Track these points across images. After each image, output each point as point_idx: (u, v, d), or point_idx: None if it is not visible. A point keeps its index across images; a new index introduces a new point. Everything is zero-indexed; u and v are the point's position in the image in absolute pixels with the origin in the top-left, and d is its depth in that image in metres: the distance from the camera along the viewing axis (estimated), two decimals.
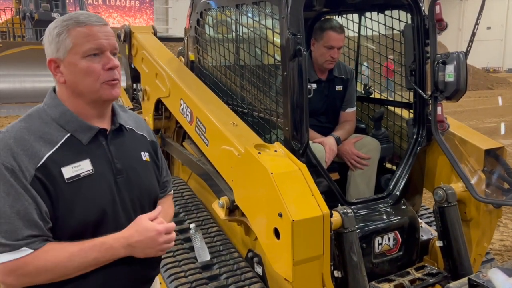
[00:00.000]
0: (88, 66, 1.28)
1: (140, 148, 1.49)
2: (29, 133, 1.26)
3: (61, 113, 1.32)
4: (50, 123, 1.30)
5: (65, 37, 1.27)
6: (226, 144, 2.44)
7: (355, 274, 2.22)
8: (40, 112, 1.33)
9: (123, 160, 1.39)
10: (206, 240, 2.58)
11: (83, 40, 1.27)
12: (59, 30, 1.28)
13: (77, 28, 1.27)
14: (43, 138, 1.26)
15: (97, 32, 1.28)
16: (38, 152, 1.24)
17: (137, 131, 1.51)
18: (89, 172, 1.30)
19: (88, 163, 1.30)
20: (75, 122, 1.32)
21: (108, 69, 1.30)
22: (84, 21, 1.27)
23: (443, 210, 2.59)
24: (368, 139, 2.98)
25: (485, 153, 2.62)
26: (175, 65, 3.30)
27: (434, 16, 2.53)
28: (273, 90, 2.53)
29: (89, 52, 1.27)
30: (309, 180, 2.10)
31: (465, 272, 2.49)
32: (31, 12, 15.27)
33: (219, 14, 3.00)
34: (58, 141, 1.28)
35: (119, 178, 1.37)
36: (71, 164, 1.27)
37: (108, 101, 1.36)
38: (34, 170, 1.21)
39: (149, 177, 1.49)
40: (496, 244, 4.42)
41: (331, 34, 2.83)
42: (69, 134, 1.30)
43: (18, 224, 1.19)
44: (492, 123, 12.32)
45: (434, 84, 2.55)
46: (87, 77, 1.28)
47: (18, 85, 13.31)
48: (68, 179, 1.26)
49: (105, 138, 1.37)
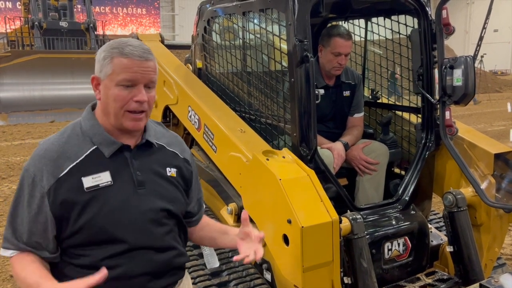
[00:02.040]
0: (118, 94, 1.39)
1: (167, 164, 1.54)
2: (58, 146, 1.40)
3: (92, 126, 1.44)
4: (80, 136, 1.43)
5: (108, 63, 1.39)
6: (234, 150, 2.44)
7: (365, 280, 2.21)
8: (75, 124, 1.48)
9: (146, 173, 1.47)
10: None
11: (120, 70, 1.38)
12: (105, 54, 1.41)
13: (119, 58, 1.38)
14: (70, 150, 1.39)
15: (135, 66, 1.38)
16: (63, 163, 1.37)
17: (168, 147, 1.58)
18: (108, 183, 1.39)
19: (108, 175, 1.40)
20: (101, 135, 1.43)
21: (135, 101, 1.40)
22: (127, 53, 1.38)
23: (453, 215, 2.57)
24: (376, 144, 2.97)
25: (495, 157, 2.60)
26: (182, 72, 3.32)
27: (441, 20, 2.53)
28: (280, 96, 2.54)
29: (122, 82, 1.38)
30: (318, 186, 2.10)
31: (476, 278, 2.46)
32: (39, 21, 15.46)
33: (226, 21, 3.02)
34: (83, 154, 1.40)
35: (140, 189, 1.44)
36: (92, 175, 1.38)
37: (128, 130, 1.44)
38: (55, 179, 1.35)
39: (172, 191, 1.53)
40: (507, 248, 4.37)
41: (338, 40, 2.83)
42: (94, 146, 1.42)
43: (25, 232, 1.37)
44: (500, 126, 12.22)
45: (442, 88, 2.54)
46: (115, 102, 1.39)
47: (27, 94, 13.45)
48: (87, 188, 1.36)
49: (129, 152, 1.46)
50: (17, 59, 13.37)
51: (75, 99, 12.86)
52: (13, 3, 26.01)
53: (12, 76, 13.17)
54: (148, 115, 1.47)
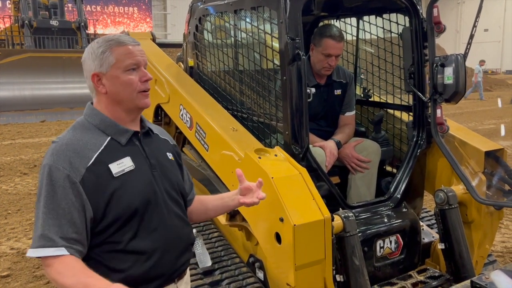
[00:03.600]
0: (128, 79, 1.51)
1: (165, 149, 1.69)
2: (77, 140, 1.47)
3: (101, 120, 1.53)
4: (93, 130, 1.52)
5: (109, 55, 1.50)
6: (226, 149, 2.44)
7: (357, 278, 2.22)
8: (82, 122, 1.55)
9: (155, 157, 1.60)
10: (207, 246, 2.57)
11: (124, 57, 1.50)
12: (104, 48, 1.50)
13: (119, 47, 1.51)
14: (89, 142, 1.47)
15: (134, 50, 1.53)
16: (88, 154, 1.45)
17: (161, 136, 1.73)
18: (132, 168, 1.50)
19: (129, 160, 1.51)
20: (113, 127, 1.53)
21: (144, 81, 1.54)
22: (124, 41, 1.52)
23: (444, 213, 2.59)
24: (368, 142, 2.98)
25: (486, 155, 2.62)
26: (174, 71, 3.30)
27: (432, 18, 2.54)
28: (272, 95, 2.54)
29: (129, 67, 1.51)
30: (310, 184, 2.10)
31: (467, 275, 2.48)
32: (29, 20, 15.31)
33: (217, 19, 3.01)
34: (102, 144, 1.49)
35: (154, 172, 1.57)
36: (116, 161, 1.48)
37: (142, 108, 1.58)
38: (84, 169, 1.41)
39: (176, 173, 1.69)
40: (498, 246, 4.41)
41: (329, 42, 2.82)
42: (109, 137, 1.51)
43: (65, 224, 1.37)
44: (491, 124, 12.32)
45: (433, 86, 2.55)
46: (127, 87, 1.51)
47: (17, 93, 13.31)
48: (115, 173, 1.46)
49: (138, 139, 1.58)
50: (7, 58, 13.22)
51: (66, 99, 12.76)
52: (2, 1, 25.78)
53: (2, 76, 13.02)
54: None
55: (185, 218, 1.67)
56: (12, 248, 4.30)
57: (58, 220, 1.37)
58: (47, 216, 1.37)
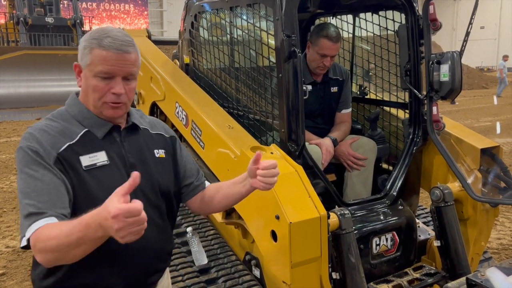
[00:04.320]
0: (95, 85, 1.40)
1: (154, 146, 1.58)
2: (51, 128, 1.40)
3: (79, 110, 1.46)
4: (70, 120, 1.44)
5: (87, 53, 1.40)
6: (222, 146, 2.43)
7: (353, 275, 2.22)
8: (61, 112, 1.48)
9: (136, 155, 1.50)
10: (203, 244, 2.56)
11: (98, 62, 1.38)
12: (85, 44, 1.41)
13: (97, 49, 1.38)
14: (64, 131, 1.41)
15: (113, 59, 1.38)
16: (59, 141, 1.38)
17: (151, 130, 1.61)
18: (105, 163, 1.41)
19: (103, 154, 1.42)
20: (91, 118, 1.45)
21: (112, 93, 1.41)
22: (105, 46, 1.37)
23: (440, 210, 2.59)
24: (364, 140, 2.98)
25: (481, 152, 2.62)
26: (170, 68, 3.29)
27: (428, 16, 2.54)
28: (268, 92, 2.53)
29: (99, 74, 1.39)
30: (306, 181, 2.10)
31: (463, 272, 2.49)
32: (25, 17, 15.22)
33: (213, 16, 3.00)
34: (77, 134, 1.41)
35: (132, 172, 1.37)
36: (88, 154, 1.40)
37: (109, 118, 1.46)
38: (56, 153, 1.34)
39: (162, 173, 1.56)
40: (493, 242, 4.43)
41: (325, 42, 2.80)
42: (86, 129, 1.44)
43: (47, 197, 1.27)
44: (487, 122, 12.36)
45: (429, 84, 2.55)
46: (93, 93, 1.42)
47: (13, 91, 13.24)
48: (85, 166, 1.38)
49: (119, 135, 1.49)
50: (2, 55, 13.14)
51: (62, 96, 12.50)
52: None
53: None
54: (127, 106, 1.48)
55: (163, 226, 1.54)
56: (7, 247, 4.28)
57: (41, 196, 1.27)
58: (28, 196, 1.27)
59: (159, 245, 1.52)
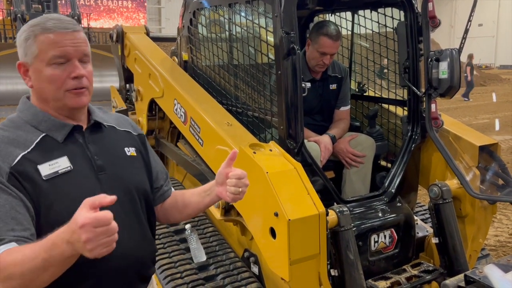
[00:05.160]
0: (51, 74, 1.26)
1: (123, 144, 1.45)
2: (1, 138, 1.25)
3: (33, 114, 1.31)
4: (23, 126, 1.29)
5: (32, 43, 1.26)
6: (221, 144, 2.43)
7: (351, 272, 2.22)
8: (13, 119, 1.33)
9: (104, 157, 1.36)
10: (202, 241, 2.57)
11: (47, 47, 1.24)
12: (26, 35, 1.27)
13: (43, 34, 1.25)
14: (16, 140, 1.26)
15: (64, 39, 1.25)
16: (12, 153, 1.22)
17: (118, 127, 1.49)
18: (68, 169, 1.27)
19: (65, 160, 1.28)
20: (47, 121, 1.30)
21: (73, 77, 1.27)
22: (51, 27, 1.25)
23: (438, 207, 2.60)
24: (363, 137, 2.98)
25: (479, 149, 2.63)
26: (168, 65, 3.28)
27: (427, 13, 2.54)
28: (267, 89, 2.53)
29: (53, 60, 1.25)
30: (305, 179, 2.10)
31: (461, 268, 2.49)
32: (22, 13, 15.11)
33: (212, 13, 2.99)
34: (33, 141, 1.27)
35: (101, 175, 1.33)
36: (48, 162, 1.25)
37: (74, 108, 1.33)
38: (8, 168, 1.19)
39: (135, 172, 1.45)
40: (491, 240, 4.45)
41: (325, 40, 2.80)
42: (43, 134, 1.29)
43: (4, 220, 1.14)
44: (485, 119, 12.39)
45: (427, 81, 2.55)
46: (51, 84, 1.27)
47: (10, 87, 13.18)
48: (45, 176, 1.23)
49: (82, 136, 1.35)
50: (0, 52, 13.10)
51: None
52: None
53: None
54: (90, 91, 1.34)
55: (142, 230, 1.42)
56: None
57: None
58: None
59: (140, 253, 1.39)
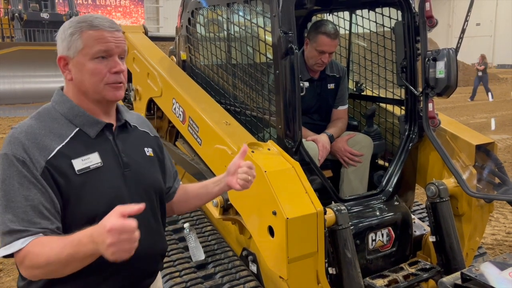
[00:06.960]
0: (95, 68, 1.34)
1: (144, 144, 1.53)
2: (39, 129, 1.31)
3: (69, 108, 1.37)
4: (59, 119, 1.36)
5: (77, 38, 1.34)
6: (219, 143, 2.43)
7: (349, 270, 2.24)
8: (49, 109, 1.39)
9: (129, 155, 1.44)
10: (200, 240, 2.58)
11: (93, 42, 1.33)
12: (73, 30, 1.35)
13: (89, 31, 1.33)
14: (53, 132, 1.32)
15: (108, 36, 1.34)
16: (49, 145, 1.29)
17: (140, 128, 1.56)
18: (98, 165, 1.34)
19: (97, 156, 1.35)
20: (82, 116, 1.37)
21: (114, 72, 1.36)
22: (97, 25, 1.34)
23: (435, 206, 2.61)
24: (361, 136, 2.99)
25: (476, 148, 2.64)
26: (166, 64, 3.29)
27: (424, 13, 2.55)
28: (265, 89, 2.54)
29: (97, 54, 1.33)
30: (303, 177, 2.11)
31: (458, 267, 2.51)
32: (20, 12, 15.10)
33: (210, 13, 3.00)
34: (67, 135, 1.33)
35: (126, 172, 1.41)
36: (81, 157, 1.32)
37: (111, 101, 1.41)
38: (44, 162, 1.26)
39: (153, 171, 1.53)
40: (488, 238, 4.46)
41: (324, 39, 2.81)
42: (77, 128, 1.36)
43: (31, 214, 1.21)
44: (482, 118, 12.42)
45: (425, 80, 2.57)
46: (93, 77, 1.34)
47: (8, 87, 13.17)
48: (78, 170, 1.30)
49: (112, 134, 1.42)
50: None
51: None
52: None
53: None
54: (124, 87, 1.43)
55: (156, 227, 1.50)
56: None
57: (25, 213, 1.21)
58: (10, 211, 1.21)
59: (153, 248, 1.47)
